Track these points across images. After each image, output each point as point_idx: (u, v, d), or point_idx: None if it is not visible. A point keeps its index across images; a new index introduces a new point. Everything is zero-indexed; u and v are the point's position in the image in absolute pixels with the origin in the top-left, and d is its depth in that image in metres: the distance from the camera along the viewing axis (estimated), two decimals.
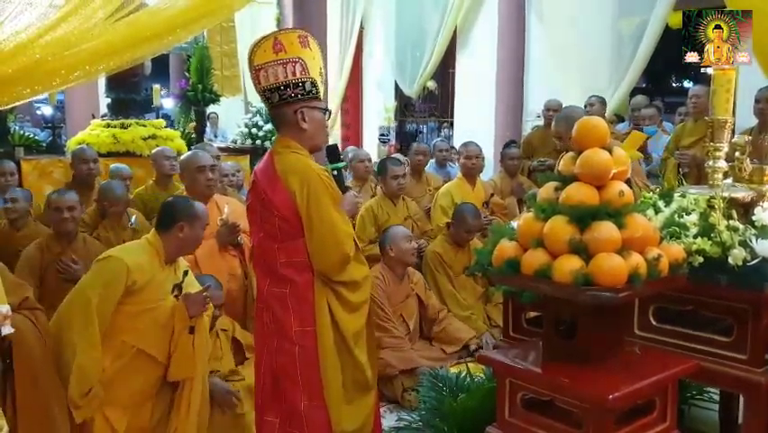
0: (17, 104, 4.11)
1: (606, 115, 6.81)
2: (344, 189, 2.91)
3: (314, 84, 2.80)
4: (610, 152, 2.18)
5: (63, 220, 3.90)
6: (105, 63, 3.57)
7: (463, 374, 3.36)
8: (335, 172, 2.90)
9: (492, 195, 5.63)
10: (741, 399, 2.62)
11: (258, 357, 2.95)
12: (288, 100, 2.76)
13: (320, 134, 2.88)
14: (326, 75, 3.00)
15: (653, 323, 2.64)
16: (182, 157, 4.50)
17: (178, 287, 3.06)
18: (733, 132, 2.95)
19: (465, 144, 5.81)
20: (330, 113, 3.01)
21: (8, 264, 3.76)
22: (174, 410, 3.03)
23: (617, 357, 2.25)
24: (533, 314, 2.98)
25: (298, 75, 2.74)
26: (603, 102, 6.76)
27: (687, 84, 15.23)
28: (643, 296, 2.39)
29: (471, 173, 5.59)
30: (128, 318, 2.95)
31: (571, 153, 2.25)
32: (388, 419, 3.69)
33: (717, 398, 3.10)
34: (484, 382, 3.10)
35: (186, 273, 3.14)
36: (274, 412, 2.83)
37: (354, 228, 4.88)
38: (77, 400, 2.81)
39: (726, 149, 2.73)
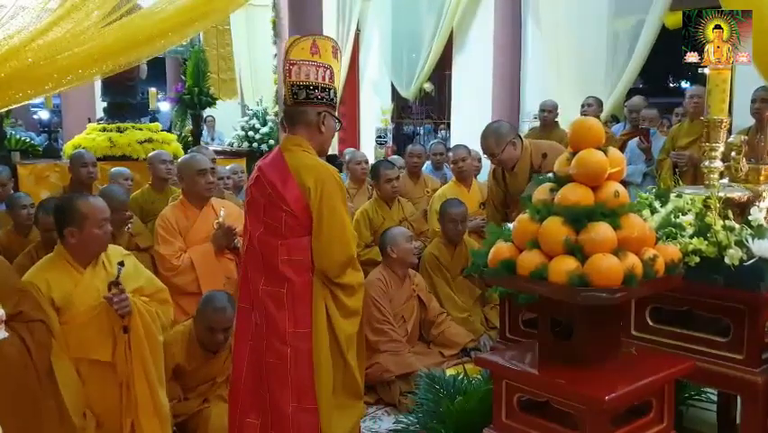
0: (11, 107, 4.10)
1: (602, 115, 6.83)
2: None
3: (335, 94, 2.91)
4: (605, 152, 2.17)
5: (53, 240, 3.88)
6: (98, 67, 3.56)
7: (460, 376, 3.34)
8: None
9: None
10: (738, 399, 2.61)
11: (238, 357, 2.89)
12: (313, 101, 2.82)
13: (329, 142, 2.97)
14: None
15: (650, 323, 2.63)
16: (180, 160, 4.49)
17: (115, 283, 2.89)
18: (729, 131, 2.94)
19: (454, 148, 5.79)
20: (342, 125, 3.09)
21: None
22: (124, 412, 2.89)
23: (614, 358, 2.24)
24: (530, 315, 2.97)
25: (327, 81, 2.83)
26: (600, 103, 6.76)
27: (684, 84, 15.26)
28: (639, 296, 2.39)
29: (463, 176, 5.55)
30: (70, 335, 2.82)
31: (565, 154, 2.24)
32: (386, 423, 3.69)
33: (715, 398, 3.09)
34: (481, 384, 3.08)
35: (122, 264, 2.94)
36: (255, 414, 2.81)
37: None
38: None
39: (721, 149, 2.72)
